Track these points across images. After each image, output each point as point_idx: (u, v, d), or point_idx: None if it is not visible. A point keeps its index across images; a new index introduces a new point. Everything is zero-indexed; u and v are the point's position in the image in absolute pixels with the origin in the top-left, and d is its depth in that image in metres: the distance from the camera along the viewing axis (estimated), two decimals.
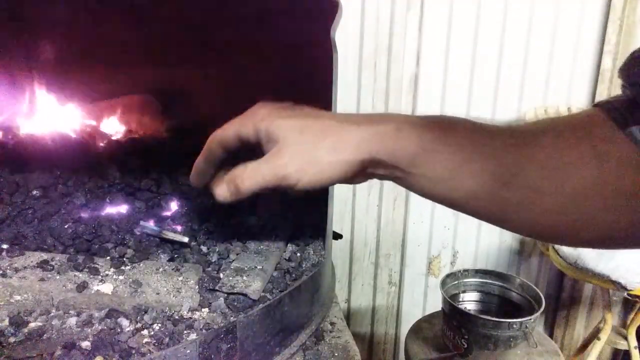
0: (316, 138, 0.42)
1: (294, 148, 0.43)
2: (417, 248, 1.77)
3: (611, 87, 1.67)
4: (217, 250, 0.67)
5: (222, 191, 0.47)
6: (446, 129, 0.41)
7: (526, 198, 0.39)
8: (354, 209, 1.67)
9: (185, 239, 0.66)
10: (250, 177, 0.45)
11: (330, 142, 0.42)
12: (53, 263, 0.58)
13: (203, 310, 0.56)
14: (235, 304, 0.56)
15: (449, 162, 0.40)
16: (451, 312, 1.26)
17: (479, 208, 0.42)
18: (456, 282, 1.42)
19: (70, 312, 0.53)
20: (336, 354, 0.60)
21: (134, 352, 0.48)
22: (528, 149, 0.39)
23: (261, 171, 0.44)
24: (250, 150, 0.49)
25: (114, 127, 0.97)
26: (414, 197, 1.68)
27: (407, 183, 0.43)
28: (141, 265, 0.61)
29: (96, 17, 0.90)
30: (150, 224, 0.68)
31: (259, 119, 0.45)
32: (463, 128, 0.41)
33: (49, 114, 0.90)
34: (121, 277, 0.57)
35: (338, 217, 1.65)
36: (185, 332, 0.51)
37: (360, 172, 0.44)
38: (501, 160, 0.39)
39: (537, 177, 0.38)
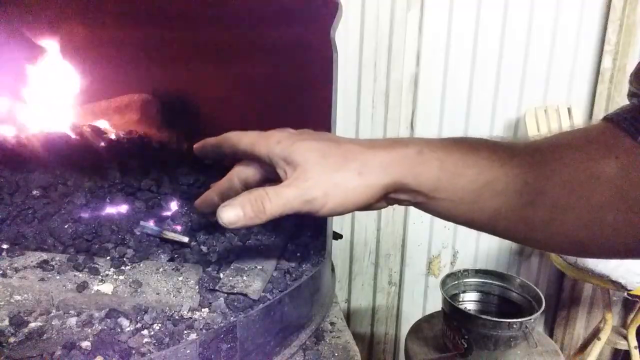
0: (340, 162, 0.41)
1: (318, 171, 0.41)
2: (417, 248, 1.78)
3: (611, 87, 1.67)
4: (217, 250, 0.66)
5: (234, 213, 0.42)
6: (466, 150, 0.40)
7: (552, 215, 0.39)
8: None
9: (185, 239, 0.66)
10: (274, 200, 0.42)
11: (354, 167, 0.41)
12: (53, 263, 0.58)
13: (203, 310, 0.56)
14: (235, 304, 0.56)
15: (472, 184, 0.39)
16: (451, 312, 1.26)
17: (504, 228, 0.42)
18: (456, 282, 1.42)
19: (70, 312, 0.53)
20: (336, 354, 0.60)
21: (134, 352, 0.48)
22: (551, 166, 0.39)
23: (285, 195, 0.41)
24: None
25: (114, 127, 0.97)
26: None
27: (429, 207, 0.42)
28: (141, 265, 0.61)
29: (96, 16, 0.90)
30: (150, 224, 0.67)
31: (274, 141, 0.43)
32: (483, 148, 0.41)
33: (49, 114, 0.89)
34: (121, 277, 0.57)
35: (338, 217, 1.65)
36: (185, 332, 0.51)
37: (383, 197, 0.42)
38: (525, 178, 0.39)
39: (562, 193, 0.38)
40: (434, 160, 0.40)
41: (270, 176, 0.47)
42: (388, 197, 0.43)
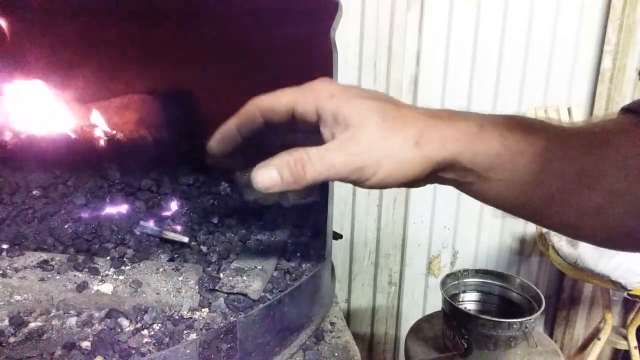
0: (397, 127, 0.37)
1: (373, 136, 0.37)
2: (417, 248, 1.78)
3: (611, 87, 1.67)
4: (217, 250, 0.67)
5: (272, 176, 0.37)
6: (526, 128, 0.38)
7: (605, 201, 0.37)
8: (354, 209, 1.67)
9: (185, 239, 0.66)
10: (317, 164, 0.37)
11: (412, 134, 0.37)
12: (53, 263, 0.58)
13: (203, 310, 0.56)
14: (235, 304, 0.56)
15: (532, 164, 0.37)
16: (451, 312, 1.26)
17: (555, 214, 0.40)
18: (456, 282, 1.42)
19: (70, 312, 0.53)
20: (336, 354, 0.60)
21: (134, 352, 0.48)
22: (606, 150, 0.37)
23: (331, 159, 0.37)
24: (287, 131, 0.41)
25: (114, 127, 0.97)
26: (414, 198, 1.68)
27: (478, 189, 0.39)
28: (141, 265, 0.61)
29: (96, 16, 0.90)
30: (150, 224, 0.67)
31: (325, 95, 0.39)
32: (542, 127, 0.38)
33: (49, 114, 0.89)
34: (121, 277, 0.57)
35: (338, 217, 1.65)
36: (185, 332, 0.51)
37: (430, 174, 0.39)
38: (584, 161, 0.37)
39: (616, 179, 0.36)
40: (497, 135, 0.37)
41: (301, 127, 0.41)
42: (436, 174, 0.39)
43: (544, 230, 1.60)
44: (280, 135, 0.44)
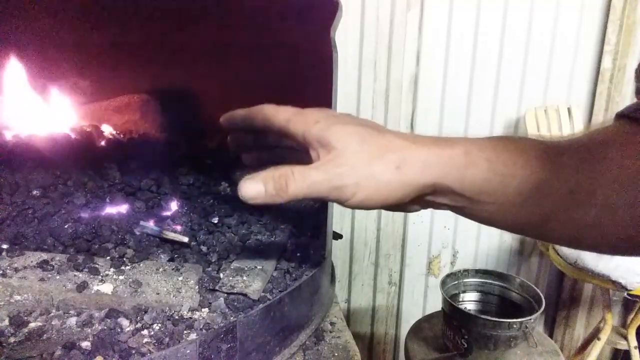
0: (378, 152, 0.38)
1: (354, 158, 0.38)
2: (417, 248, 1.78)
3: (611, 87, 1.67)
4: (217, 250, 0.66)
5: (256, 189, 0.40)
6: (515, 150, 0.38)
7: (603, 215, 0.37)
8: (354, 209, 1.67)
9: (185, 239, 0.66)
10: (299, 180, 0.39)
11: (393, 159, 0.38)
12: (53, 263, 0.58)
13: (203, 310, 0.56)
14: (235, 304, 0.56)
15: (523, 186, 0.37)
16: (451, 312, 1.26)
17: (553, 230, 0.40)
18: (456, 282, 1.42)
19: (70, 312, 0.53)
20: (336, 354, 0.60)
21: (134, 352, 0.48)
22: (599, 165, 0.37)
23: (312, 177, 0.39)
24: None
25: (113, 127, 0.97)
26: None
27: (472, 212, 0.40)
28: (141, 265, 0.60)
29: (96, 17, 0.90)
30: (150, 224, 0.67)
31: (311, 121, 0.41)
32: (531, 147, 0.38)
33: (49, 114, 0.89)
34: (121, 277, 0.57)
35: (338, 217, 1.65)
36: (185, 332, 0.51)
37: (418, 199, 0.40)
38: (577, 178, 0.37)
39: (612, 192, 0.36)
40: (483, 161, 0.37)
41: (298, 155, 0.44)
42: (424, 199, 0.40)
43: None
44: (279, 145, 0.49)
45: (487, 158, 0.37)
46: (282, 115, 0.43)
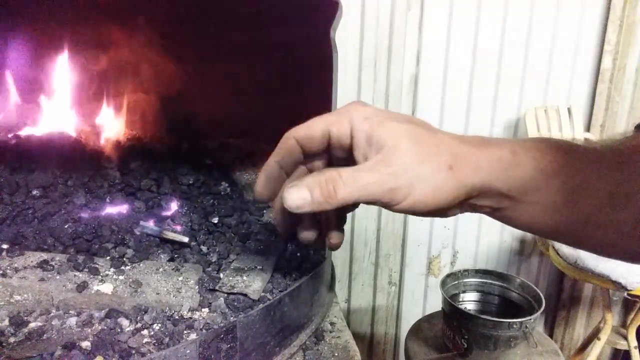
0: (432, 151, 0.37)
1: (407, 158, 0.36)
2: (417, 248, 1.78)
3: (611, 87, 1.67)
4: (217, 250, 0.67)
5: (302, 196, 0.37)
6: (557, 150, 0.38)
7: (637, 219, 0.37)
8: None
9: (185, 239, 0.66)
10: (348, 184, 0.37)
11: (446, 159, 0.36)
12: (53, 263, 0.58)
13: (203, 310, 0.56)
14: (235, 304, 0.56)
15: (566, 186, 0.37)
16: (451, 312, 1.26)
17: (592, 236, 0.39)
18: (456, 282, 1.42)
19: (70, 312, 0.53)
20: (336, 354, 0.60)
21: (134, 352, 0.48)
22: (636, 167, 0.37)
23: (364, 179, 0.37)
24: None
25: (114, 127, 0.97)
26: None
27: (512, 214, 0.39)
28: (141, 265, 0.60)
29: (96, 17, 0.90)
30: (150, 224, 0.67)
31: (360, 118, 0.39)
32: (574, 148, 0.38)
33: (49, 114, 0.89)
34: (121, 277, 0.57)
35: None
36: (185, 332, 0.51)
37: (462, 202, 0.39)
38: (617, 180, 0.37)
39: None
40: (530, 159, 0.37)
41: (337, 154, 0.41)
42: (468, 201, 0.39)
43: None
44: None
45: (533, 157, 0.37)
46: (319, 125, 0.40)
